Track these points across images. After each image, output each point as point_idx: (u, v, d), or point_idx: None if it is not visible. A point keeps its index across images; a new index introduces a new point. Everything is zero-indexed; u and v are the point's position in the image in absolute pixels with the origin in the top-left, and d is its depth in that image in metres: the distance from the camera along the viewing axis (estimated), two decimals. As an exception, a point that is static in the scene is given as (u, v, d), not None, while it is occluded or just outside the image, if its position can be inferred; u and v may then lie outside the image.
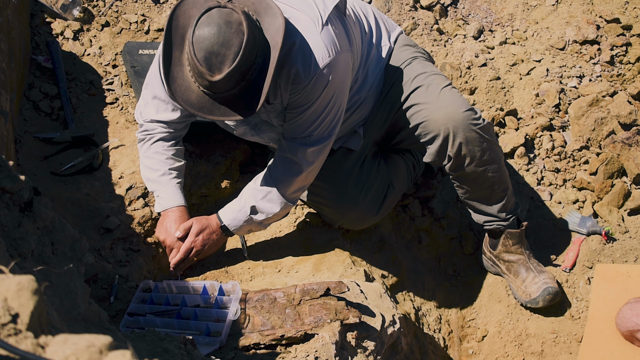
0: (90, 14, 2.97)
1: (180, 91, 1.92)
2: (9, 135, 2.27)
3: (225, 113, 1.91)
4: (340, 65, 2.07)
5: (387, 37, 2.47)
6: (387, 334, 2.02)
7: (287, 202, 2.24)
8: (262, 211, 2.25)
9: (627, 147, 2.86)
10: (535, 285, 2.54)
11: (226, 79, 1.83)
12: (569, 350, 2.51)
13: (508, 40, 3.31)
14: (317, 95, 2.05)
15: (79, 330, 1.23)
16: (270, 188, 2.22)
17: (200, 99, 1.91)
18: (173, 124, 2.33)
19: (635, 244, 2.69)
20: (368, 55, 2.38)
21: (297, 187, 2.24)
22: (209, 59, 1.81)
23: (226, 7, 1.84)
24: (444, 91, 2.30)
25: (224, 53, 1.80)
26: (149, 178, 2.34)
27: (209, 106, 1.91)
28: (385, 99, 2.42)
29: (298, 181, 2.22)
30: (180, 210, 2.30)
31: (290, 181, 2.21)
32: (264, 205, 2.23)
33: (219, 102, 1.90)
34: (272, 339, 1.80)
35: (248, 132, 2.34)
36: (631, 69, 3.11)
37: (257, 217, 2.26)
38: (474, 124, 2.26)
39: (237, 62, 1.80)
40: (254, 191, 2.25)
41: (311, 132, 2.13)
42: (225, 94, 1.89)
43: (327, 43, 2.02)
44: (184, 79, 1.91)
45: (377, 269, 2.56)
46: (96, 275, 2.15)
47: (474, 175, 2.38)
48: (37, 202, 1.28)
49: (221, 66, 1.81)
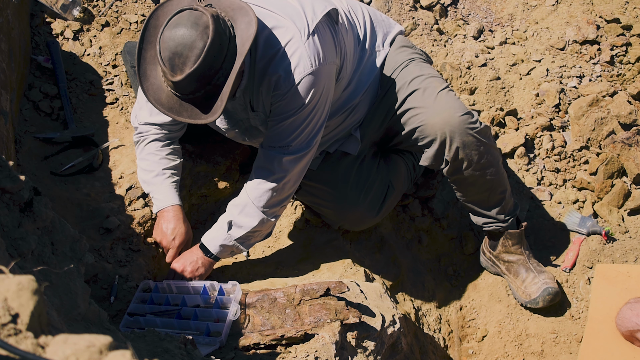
0: (90, 14, 2.97)
1: (152, 90, 1.95)
2: (9, 135, 2.27)
3: (192, 115, 1.93)
4: (323, 77, 2.05)
5: (382, 41, 2.46)
6: (387, 334, 2.02)
7: (266, 215, 2.17)
8: (240, 225, 2.18)
9: (627, 147, 2.86)
10: (535, 285, 2.55)
11: (187, 80, 1.84)
12: (569, 350, 2.51)
13: (508, 40, 3.31)
14: (298, 105, 2.04)
15: (79, 330, 1.23)
16: (246, 201, 2.17)
17: (170, 99, 1.93)
18: (167, 126, 2.34)
19: (635, 244, 2.69)
20: (361, 60, 2.37)
21: (275, 200, 2.18)
22: (172, 59, 1.83)
23: (198, 9, 1.85)
24: (441, 95, 2.29)
25: (187, 54, 1.82)
26: (144, 180, 2.34)
27: (177, 107, 1.93)
28: (382, 101, 2.42)
29: (274, 191, 2.16)
30: (175, 210, 2.30)
31: (265, 192, 2.15)
32: (241, 219, 2.17)
33: (187, 103, 1.91)
34: (272, 339, 1.81)
35: (239, 136, 2.34)
36: (631, 69, 3.11)
37: (235, 234, 2.19)
38: (471, 127, 2.26)
39: (199, 64, 1.81)
40: (230, 208, 2.21)
41: (290, 141, 2.11)
42: (191, 96, 1.89)
43: (310, 54, 2.01)
44: (156, 78, 1.94)
45: (377, 269, 2.56)
46: (96, 275, 2.15)
47: (472, 179, 2.38)
48: (37, 202, 1.28)
49: (183, 67, 1.83)
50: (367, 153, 2.52)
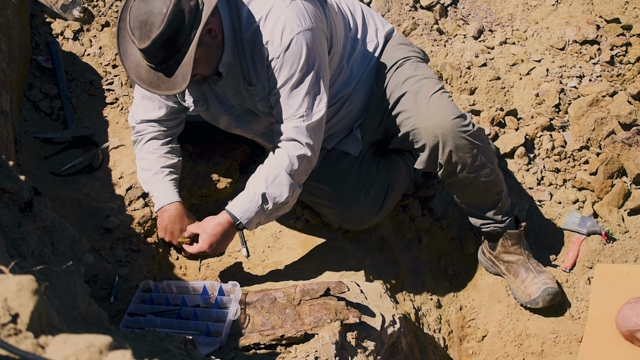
0: (90, 14, 2.97)
1: (133, 67, 1.98)
2: (9, 135, 2.27)
3: (169, 87, 1.95)
4: (313, 36, 2.05)
5: (374, 33, 2.46)
6: (387, 334, 2.02)
7: (296, 184, 2.18)
8: (273, 196, 2.17)
9: (627, 147, 2.86)
10: (535, 285, 2.55)
11: (154, 46, 1.86)
12: (569, 350, 2.51)
13: (508, 40, 3.31)
14: (295, 67, 2.04)
15: (79, 330, 1.23)
16: (278, 171, 2.15)
17: (148, 74, 1.95)
18: (163, 122, 2.34)
19: (635, 244, 2.69)
20: (353, 50, 2.37)
21: (303, 168, 2.18)
22: (140, 28, 1.87)
23: None
24: (433, 98, 2.28)
25: (152, 21, 1.85)
26: (143, 179, 2.34)
27: (156, 81, 1.95)
28: (378, 101, 2.42)
29: (302, 160, 2.16)
30: (176, 207, 2.29)
31: (295, 161, 2.15)
32: (273, 190, 2.15)
33: (163, 75, 1.94)
34: (272, 339, 1.81)
35: (232, 123, 2.32)
36: (631, 69, 3.11)
37: (267, 206, 2.18)
38: (464, 131, 2.25)
39: (163, 28, 1.84)
40: (260, 179, 2.18)
41: (304, 107, 2.11)
42: (164, 65, 1.92)
43: (295, 15, 2.02)
44: (135, 55, 1.97)
45: (377, 269, 2.56)
46: (96, 275, 2.15)
47: (467, 181, 2.38)
48: (37, 202, 1.28)
49: (149, 34, 1.86)
50: (367, 153, 2.52)
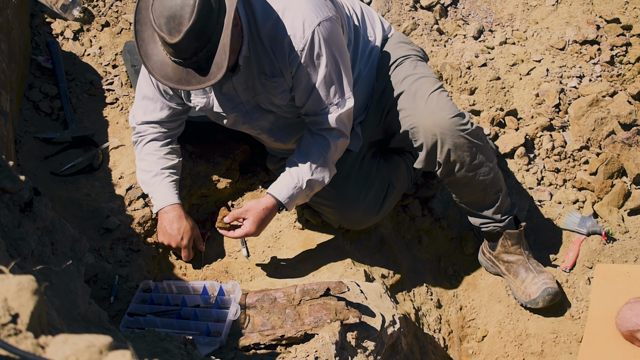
0: (90, 14, 2.97)
1: (157, 67, 1.95)
2: (9, 135, 2.27)
3: (201, 81, 1.93)
4: (332, 25, 2.09)
5: (372, 29, 2.48)
6: (387, 334, 2.02)
7: (334, 167, 2.27)
8: (317, 181, 2.25)
9: (627, 147, 2.86)
10: (534, 285, 2.54)
11: (187, 38, 1.84)
12: (569, 350, 2.51)
13: (508, 40, 3.31)
14: (320, 60, 2.08)
15: (79, 330, 1.23)
16: (322, 158, 2.23)
17: (176, 71, 1.93)
18: (164, 123, 2.33)
19: (635, 244, 2.69)
20: (354, 42, 2.39)
21: (340, 152, 2.28)
22: (168, 23, 1.84)
23: None
24: (432, 97, 2.29)
25: (180, 14, 1.83)
26: (143, 180, 2.34)
27: (185, 76, 1.93)
28: (377, 99, 2.43)
29: (342, 145, 2.26)
30: (175, 209, 2.29)
31: (335, 147, 2.23)
32: (317, 176, 2.24)
33: (193, 70, 1.92)
34: (272, 339, 1.81)
35: (239, 119, 2.31)
36: (631, 69, 3.11)
37: (310, 190, 2.27)
38: (462, 129, 2.26)
39: (194, 19, 1.82)
40: (305, 166, 2.23)
41: (336, 96, 2.16)
42: (195, 59, 1.89)
43: (312, 8, 2.05)
44: (158, 55, 1.94)
45: (377, 269, 2.56)
46: (96, 275, 2.15)
47: (465, 180, 2.38)
48: (37, 202, 1.28)
49: (180, 27, 1.83)
50: (367, 153, 2.53)
